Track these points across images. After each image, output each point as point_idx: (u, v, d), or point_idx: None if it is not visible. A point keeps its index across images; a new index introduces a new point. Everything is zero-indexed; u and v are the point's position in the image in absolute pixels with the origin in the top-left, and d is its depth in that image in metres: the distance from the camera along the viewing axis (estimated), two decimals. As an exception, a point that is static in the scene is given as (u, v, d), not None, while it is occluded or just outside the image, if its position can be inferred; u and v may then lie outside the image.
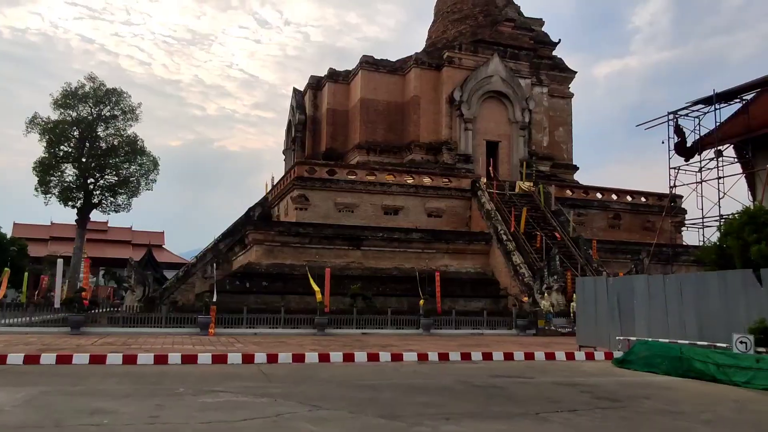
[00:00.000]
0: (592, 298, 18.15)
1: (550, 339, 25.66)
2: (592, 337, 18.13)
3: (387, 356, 15.86)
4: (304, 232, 32.64)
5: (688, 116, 24.50)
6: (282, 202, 38.91)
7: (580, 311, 18.68)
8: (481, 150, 42.84)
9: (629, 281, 17.16)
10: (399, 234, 34.43)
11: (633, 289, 16.79)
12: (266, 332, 24.04)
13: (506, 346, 20.03)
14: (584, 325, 18.44)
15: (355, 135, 44.49)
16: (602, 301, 17.71)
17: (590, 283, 18.43)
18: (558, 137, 48.19)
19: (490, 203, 37.69)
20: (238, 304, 26.67)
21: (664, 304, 15.88)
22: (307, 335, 23.75)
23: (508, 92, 43.31)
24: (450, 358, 16.17)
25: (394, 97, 44.38)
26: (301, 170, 36.09)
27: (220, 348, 17.22)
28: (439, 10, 49.77)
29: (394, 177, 37.61)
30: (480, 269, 35.97)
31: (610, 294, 17.41)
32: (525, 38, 45.65)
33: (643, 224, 42.98)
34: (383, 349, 17.95)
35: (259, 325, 24.51)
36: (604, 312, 17.56)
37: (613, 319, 17.24)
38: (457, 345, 20.53)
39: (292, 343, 19.69)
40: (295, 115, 49.71)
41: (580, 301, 18.82)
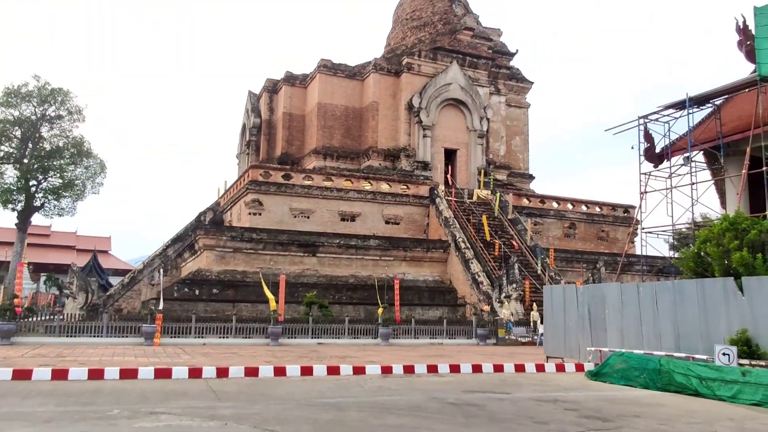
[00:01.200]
0: (561, 306, 17.31)
1: (511, 349, 25.08)
2: (560, 347, 17.29)
3: (348, 369, 14.60)
4: (257, 237, 31.55)
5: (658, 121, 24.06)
6: (235, 207, 37.63)
7: (549, 321, 17.81)
8: (440, 157, 42.42)
9: (600, 289, 16.34)
10: (356, 241, 33.66)
11: (605, 298, 15.99)
12: (216, 342, 23.18)
13: (471, 357, 19.22)
14: (553, 335, 17.60)
15: (312, 140, 43.59)
16: (572, 310, 16.89)
17: (559, 292, 17.58)
18: (515, 146, 48.19)
19: (448, 211, 37.13)
20: (187, 312, 25.94)
21: (638, 313, 15.10)
22: (260, 345, 22.95)
23: (466, 100, 42.97)
24: (416, 371, 15.00)
25: (352, 102, 43.76)
26: (256, 174, 34.89)
27: (165, 360, 16.11)
28: (398, 17, 49.22)
29: (352, 183, 36.85)
30: (438, 277, 35.42)
31: (581, 303, 16.58)
32: (483, 47, 45.46)
33: (597, 234, 43.16)
34: (343, 361, 16.90)
35: (208, 334, 23.62)
36: (574, 321, 16.74)
37: (584, 329, 16.42)
38: (420, 356, 19.74)
39: (245, 354, 18.77)
40: (250, 118, 48.52)
41: (548, 310, 17.95)
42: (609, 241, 43.14)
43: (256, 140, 47.94)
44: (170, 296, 28.08)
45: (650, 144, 24.53)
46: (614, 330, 15.57)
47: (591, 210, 43.31)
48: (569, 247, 40.59)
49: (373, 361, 16.70)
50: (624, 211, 44.31)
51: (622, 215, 44.12)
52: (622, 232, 43.64)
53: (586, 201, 43.39)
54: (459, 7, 47.52)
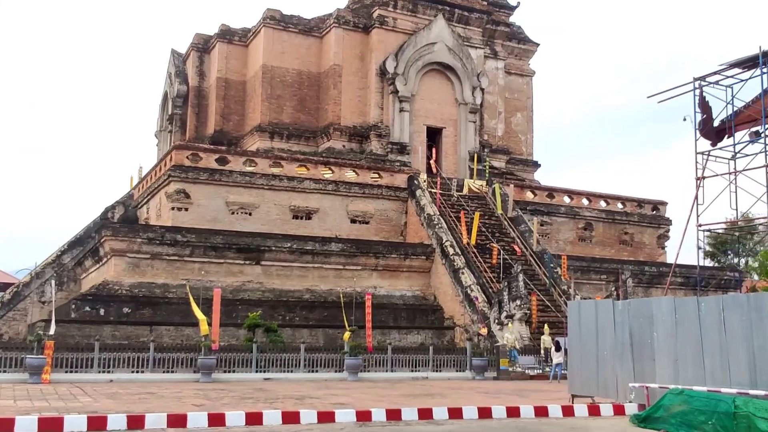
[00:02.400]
0: (593, 328, 16.68)
1: (518, 384, 24.75)
2: (591, 382, 16.67)
3: (311, 416, 13.73)
4: (183, 240, 31.15)
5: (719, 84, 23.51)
6: (153, 200, 37.14)
7: (575, 347, 17.21)
8: (421, 138, 42.20)
9: (647, 306, 15.70)
10: (313, 245, 33.39)
11: (652, 317, 15.40)
12: (128, 379, 22.92)
13: (471, 397, 18.68)
14: (581, 366, 17.03)
15: (255, 113, 43.14)
16: (607, 333, 16.29)
17: (590, 309, 16.94)
18: (516, 125, 48.27)
19: (432, 206, 36.82)
20: (88, 339, 25.39)
21: (699, 336, 14.46)
22: (187, 383, 22.60)
23: (455, 65, 42.74)
24: (403, 417, 14.16)
25: (308, 65, 43.44)
26: (181, 156, 34.26)
27: (56, 404, 15.39)
28: None
29: (307, 169, 36.53)
30: (419, 292, 35.32)
31: (620, 323, 15.98)
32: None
33: (620, 237, 43.41)
34: (301, 403, 16.13)
35: (117, 368, 23.46)
36: (610, 348, 16.17)
37: (624, 359, 15.83)
38: (403, 395, 19.15)
39: (167, 395, 18.17)
40: (173, 85, 47.91)
41: (573, 333, 17.33)
42: (634, 245, 43.59)
43: (181, 113, 47.38)
44: (66, 317, 27.77)
45: (707, 115, 24.09)
46: (665, 359, 14.97)
47: (611, 206, 43.52)
48: (585, 254, 40.78)
49: (343, 404, 16.04)
50: (653, 209, 44.67)
51: (650, 213, 44.50)
52: (650, 234, 44.17)
53: (605, 195, 43.64)
54: None
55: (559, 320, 32.34)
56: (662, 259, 43.71)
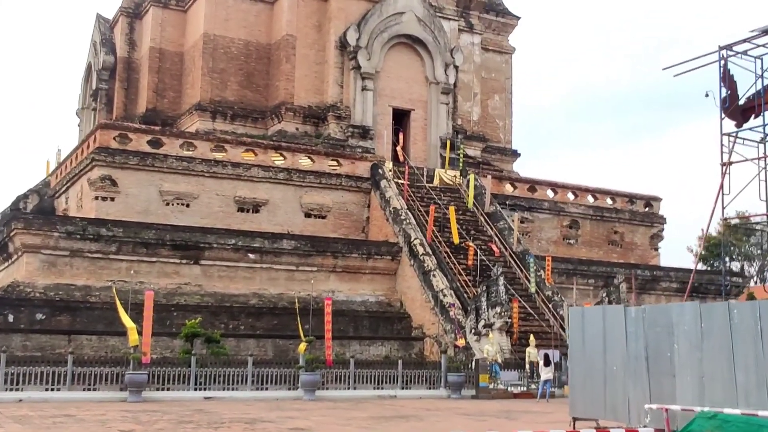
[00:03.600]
0: (599, 339, 16.14)
1: (503, 404, 24.49)
2: (597, 403, 16.14)
3: None
4: (108, 234, 30.57)
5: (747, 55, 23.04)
6: (73, 189, 36.52)
7: (578, 362, 16.66)
8: (386, 121, 41.91)
9: (666, 313, 15.12)
10: (261, 242, 33.08)
11: (672, 326, 14.85)
12: (41, 398, 22.50)
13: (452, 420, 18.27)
14: (584, 383, 16.57)
15: (194, 90, 42.65)
16: (617, 345, 15.77)
17: (595, 316, 16.43)
18: (493, 109, 48.37)
19: (398, 199, 36.59)
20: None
21: (729, 349, 13.89)
22: (113, 402, 22.38)
23: (426, 38, 42.43)
24: None
25: (257, 35, 43.03)
26: (107, 137, 33.67)
27: None
28: None
29: (255, 155, 36.20)
30: (383, 297, 35.22)
31: (632, 333, 15.45)
32: None
33: (608, 236, 43.81)
34: (252, 429, 15.60)
35: (28, 384, 23.03)
36: (621, 362, 15.67)
37: (637, 375, 15.30)
38: (371, 418, 18.77)
39: (88, 418, 17.76)
40: (99, 56, 47.27)
41: (575, 344, 16.81)
42: (624, 246, 44.17)
43: (107, 88, 47.00)
44: None
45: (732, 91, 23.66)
46: (689, 376, 14.41)
47: (600, 202, 44.01)
48: (570, 255, 41.06)
49: (302, 429, 15.56)
50: (645, 205, 45.30)
51: (643, 211, 45.12)
52: (643, 234, 44.89)
53: (593, 189, 44.07)
54: None
55: (544, 330, 32.42)
56: (655, 261, 44.16)
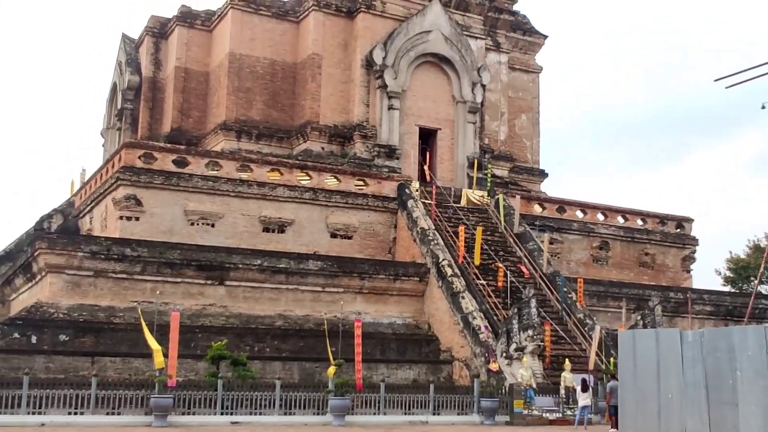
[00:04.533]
0: (652, 365, 15.58)
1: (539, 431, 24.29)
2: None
3: None
4: (133, 254, 30.12)
5: None
6: (98, 209, 36.13)
7: (629, 389, 16.03)
8: (412, 140, 41.67)
9: (726, 337, 14.52)
10: (287, 263, 32.56)
11: (734, 351, 14.14)
12: (64, 421, 22.25)
13: None
14: (636, 412, 16.25)
15: (220, 109, 42.48)
16: (671, 371, 15.26)
17: (648, 341, 15.83)
18: (520, 129, 48.10)
19: (426, 219, 36.11)
20: (16, 372, 24.88)
21: None
22: (137, 426, 22.29)
23: (452, 57, 42.26)
24: None
25: (282, 54, 42.95)
26: (132, 157, 33.34)
27: None
28: None
29: (281, 174, 35.80)
30: (411, 319, 34.71)
31: (689, 358, 14.91)
32: None
33: (639, 257, 43.19)
34: None
35: (51, 408, 22.75)
36: (677, 390, 15.20)
37: (695, 404, 14.82)
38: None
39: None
40: (124, 75, 47.18)
41: (627, 370, 16.10)
42: (655, 268, 43.64)
43: (132, 108, 46.80)
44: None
45: None
46: (753, 405, 13.88)
47: (630, 223, 43.45)
48: (600, 277, 40.43)
49: None
50: (677, 226, 44.73)
51: (674, 232, 44.54)
52: (674, 256, 44.39)
53: (623, 210, 43.55)
54: None
55: (577, 354, 31.73)
56: (687, 283, 43.52)
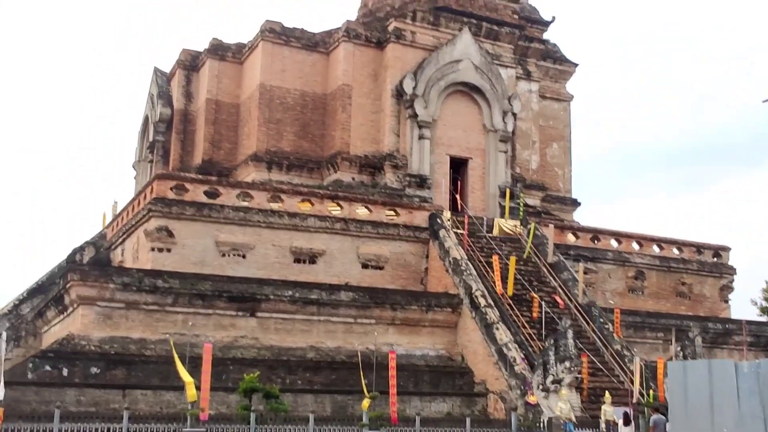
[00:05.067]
0: (705, 398, 15.16)
1: None
2: None
3: None
4: (164, 286, 30.02)
5: None
6: (129, 241, 36.12)
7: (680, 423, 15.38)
8: (443, 170, 41.57)
9: None
10: (318, 293, 32.33)
11: None
12: None
13: None
14: None
15: (251, 140, 42.61)
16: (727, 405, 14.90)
17: (700, 372, 15.41)
18: (552, 158, 47.80)
19: (458, 249, 35.72)
20: (47, 405, 24.81)
21: None
22: None
23: (483, 86, 42.15)
24: None
25: (312, 85, 43.08)
26: (164, 188, 33.32)
27: None
28: None
29: (312, 205, 35.59)
30: (444, 351, 34.22)
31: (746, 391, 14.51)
32: (507, 10, 44.74)
33: (676, 287, 42.49)
34: None
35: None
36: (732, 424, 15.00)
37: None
38: None
39: None
40: (156, 108, 47.34)
41: (677, 404, 15.77)
42: (693, 298, 42.96)
43: (163, 140, 47.01)
44: (22, 378, 26.78)
45: None
46: None
47: (666, 252, 42.79)
48: (636, 307, 39.79)
49: None
50: (714, 255, 44.02)
51: (711, 261, 43.86)
52: (711, 285, 43.71)
53: (658, 239, 42.91)
54: None
55: (615, 386, 31.09)
56: (726, 314, 42.79)
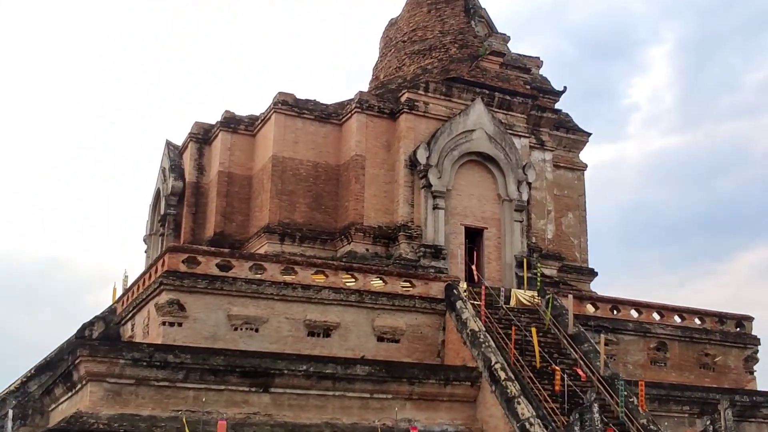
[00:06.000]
0: None
1: None
2: None
3: None
4: (176, 361, 29.25)
5: None
6: (140, 315, 35.48)
7: None
8: (458, 240, 41.10)
9: None
10: (334, 368, 31.42)
11: None
12: None
13: None
14: None
15: (263, 212, 42.34)
16: None
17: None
18: (567, 227, 47.48)
19: (476, 321, 34.85)
20: None
21: None
22: None
23: (497, 155, 41.95)
24: None
25: (325, 156, 43.00)
26: (176, 261, 32.84)
27: None
28: (390, 41, 49.79)
29: (326, 277, 35.02)
30: (463, 426, 33.11)
31: None
32: (519, 81, 45.07)
33: (699, 359, 41.54)
34: None
35: None
36: None
37: None
38: None
39: None
40: (168, 181, 47.24)
41: None
42: (717, 370, 42.05)
43: (175, 214, 46.69)
44: None
45: None
46: None
47: (688, 322, 41.88)
48: (659, 379, 38.58)
49: None
50: (736, 325, 43.11)
51: (734, 331, 43.01)
52: (736, 356, 42.92)
53: (679, 309, 42.09)
54: (480, 24, 47.88)
55: None
56: (751, 385, 41.72)
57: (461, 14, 47.11)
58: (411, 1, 49.10)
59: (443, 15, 47.16)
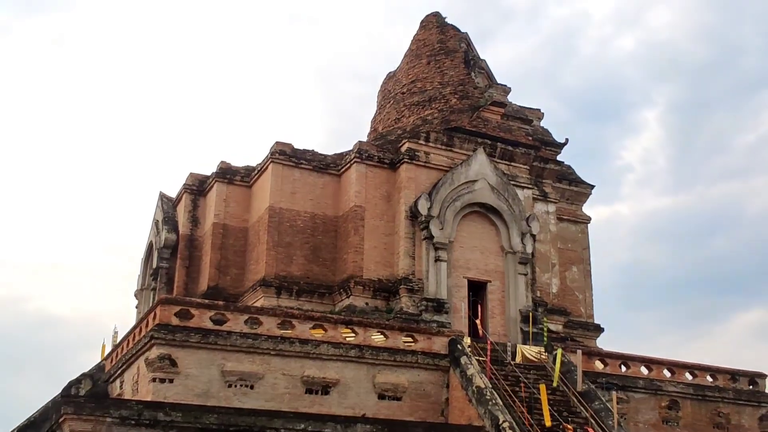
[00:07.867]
0: None
1: None
2: None
3: None
4: (166, 419, 28.09)
5: None
6: (129, 371, 34.11)
7: None
8: (461, 293, 40.25)
9: None
10: (333, 426, 30.07)
11: None
12: None
13: None
14: None
15: (259, 265, 41.51)
16: None
17: None
18: (572, 281, 46.69)
19: (482, 377, 33.44)
20: None
21: None
22: None
23: (500, 206, 41.31)
24: None
25: (323, 207, 42.44)
26: (168, 314, 31.71)
27: None
28: (389, 93, 49.85)
29: (324, 331, 33.83)
30: None
31: None
32: (521, 132, 44.77)
33: (712, 418, 39.79)
34: None
35: None
36: None
37: None
38: None
39: None
40: (161, 234, 46.66)
41: None
42: (730, 429, 40.25)
43: (168, 267, 45.97)
44: None
45: None
46: None
47: (700, 380, 40.34)
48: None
49: None
50: (749, 382, 41.54)
51: (747, 389, 41.47)
52: (750, 415, 41.13)
53: (691, 365, 40.62)
54: (481, 76, 47.78)
55: None
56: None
57: (461, 65, 47.13)
58: (410, 54, 49.23)
59: (443, 66, 47.12)
